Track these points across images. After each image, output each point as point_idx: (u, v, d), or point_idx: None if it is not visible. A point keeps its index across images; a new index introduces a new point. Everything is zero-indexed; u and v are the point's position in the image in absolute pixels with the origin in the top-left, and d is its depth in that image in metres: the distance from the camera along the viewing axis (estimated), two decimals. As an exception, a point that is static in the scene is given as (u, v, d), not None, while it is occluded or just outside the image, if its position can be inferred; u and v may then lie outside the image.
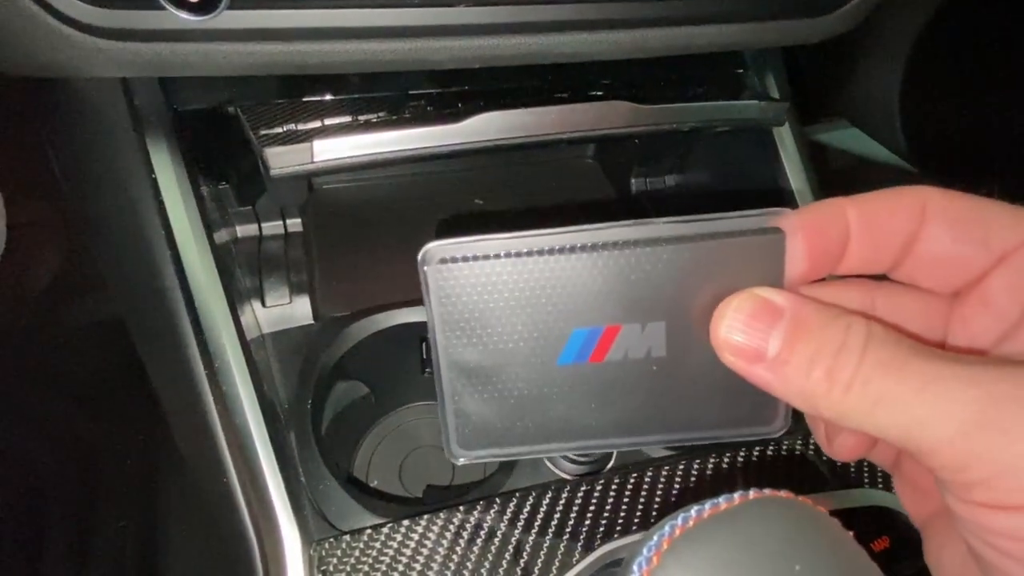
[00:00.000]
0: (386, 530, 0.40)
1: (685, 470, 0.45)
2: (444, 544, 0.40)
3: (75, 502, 0.57)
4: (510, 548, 0.40)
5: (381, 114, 0.44)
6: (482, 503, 0.42)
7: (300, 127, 0.42)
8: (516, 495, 0.42)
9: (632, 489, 0.43)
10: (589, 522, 0.41)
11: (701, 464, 0.45)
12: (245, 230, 0.57)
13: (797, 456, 0.46)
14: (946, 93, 0.96)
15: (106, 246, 0.44)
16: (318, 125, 0.42)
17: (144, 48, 0.36)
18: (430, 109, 0.45)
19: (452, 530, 0.40)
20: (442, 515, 0.41)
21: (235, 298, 0.43)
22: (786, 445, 0.47)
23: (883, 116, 0.99)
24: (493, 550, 0.40)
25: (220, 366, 0.41)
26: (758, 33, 0.46)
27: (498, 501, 0.42)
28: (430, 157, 0.43)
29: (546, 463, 0.47)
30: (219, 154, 0.51)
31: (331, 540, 0.40)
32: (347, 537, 0.40)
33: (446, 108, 0.45)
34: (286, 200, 0.57)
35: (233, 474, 0.40)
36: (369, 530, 0.40)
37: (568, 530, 0.41)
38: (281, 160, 0.40)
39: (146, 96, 0.41)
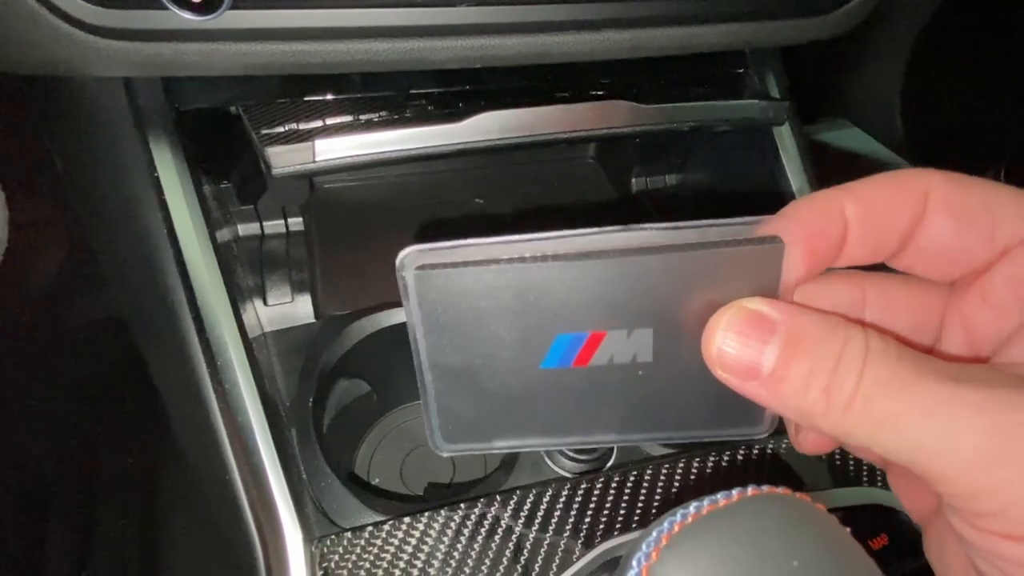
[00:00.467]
0: (387, 527, 0.41)
1: (685, 468, 0.45)
2: (445, 541, 0.40)
3: (77, 499, 0.57)
4: (511, 545, 0.40)
5: (382, 113, 0.44)
6: (483, 500, 0.42)
7: (302, 126, 0.42)
8: (517, 492, 0.42)
9: (632, 487, 0.43)
10: (589, 519, 0.42)
11: (701, 462, 0.45)
12: (247, 229, 0.57)
13: (795, 453, 0.47)
14: (947, 92, 0.97)
15: (108, 245, 0.44)
16: (319, 124, 0.42)
17: (147, 48, 0.37)
18: (431, 109, 0.45)
19: (453, 527, 0.41)
20: (443, 512, 0.41)
21: (237, 297, 0.44)
22: (785, 442, 0.47)
23: (883, 115, 0.99)
24: (494, 547, 0.40)
25: (222, 364, 0.41)
26: (759, 33, 0.47)
27: (499, 498, 0.42)
28: (431, 156, 0.43)
29: (547, 461, 0.47)
30: (221, 153, 0.51)
31: (333, 537, 0.40)
32: (348, 534, 0.40)
33: (447, 108, 0.45)
34: (288, 199, 0.58)
35: (235, 472, 0.40)
36: (370, 527, 0.41)
37: (568, 527, 0.41)
38: (283, 159, 0.40)
39: (148, 95, 0.42)
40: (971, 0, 0.91)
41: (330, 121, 0.43)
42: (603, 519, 0.42)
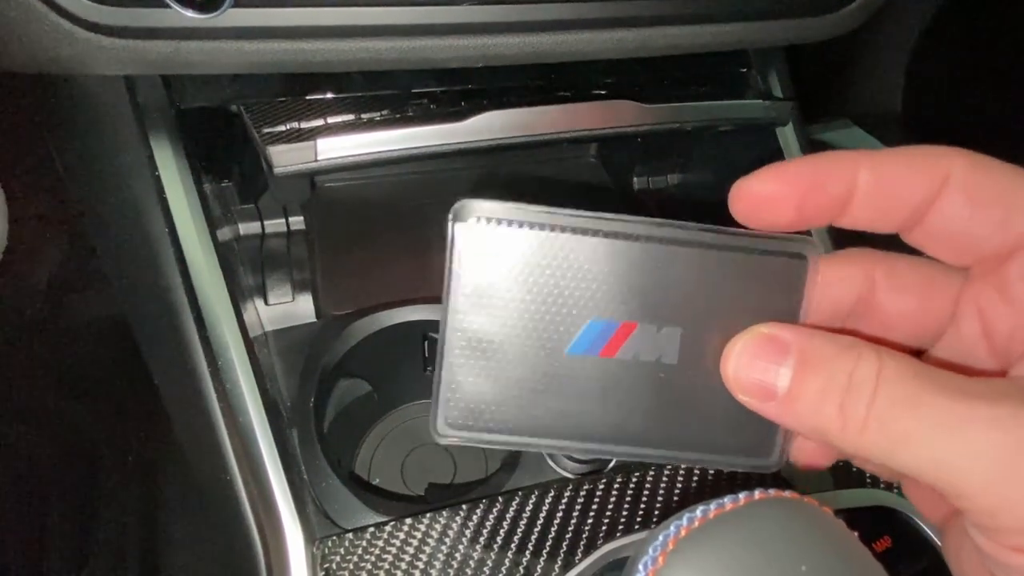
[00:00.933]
0: (389, 528, 0.40)
1: (688, 470, 0.45)
2: (446, 542, 0.40)
3: (77, 498, 0.57)
4: (512, 546, 0.40)
5: (384, 112, 0.43)
6: (484, 501, 0.42)
7: (303, 125, 0.42)
8: (519, 494, 0.42)
9: (635, 488, 0.43)
10: (591, 521, 0.41)
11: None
12: (248, 228, 0.57)
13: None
14: (948, 91, 0.96)
15: (109, 243, 0.44)
16: (321, 123, 0.42)
17: (148, 46, 0.36)
18: (433, 108, 0.45)
19: (455, 528, 0.41)
20: (444, 513, 0.41)
21: (238, 295, 0.44)
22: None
23: (885, 115, 0.99)
24: (495, 548, 0.40)
25: (223, 363, 0.41)
26: (762, 32, 0.46)
27: (500, 500, 0.42)
28: (433, 156, 0.43)
29: (548, 462, 0.47)
30: (222, 152, 0.51)
31: (334, 538, 0.40)
32: (350, 535, 0.40)
33: (449, 107, 0.45)
34: (289, 198, 0.57)
35: (236, 472, 0.40)
36: (372, 528, 0.40)
37: (570, 529, 0.41)
38: (284, 158, 0.40)
39: (150, 94, 0.41)
40: (972, 0, 0.91)
41: (332, 120, 0.42)
42: (605, 521, 0.41)
